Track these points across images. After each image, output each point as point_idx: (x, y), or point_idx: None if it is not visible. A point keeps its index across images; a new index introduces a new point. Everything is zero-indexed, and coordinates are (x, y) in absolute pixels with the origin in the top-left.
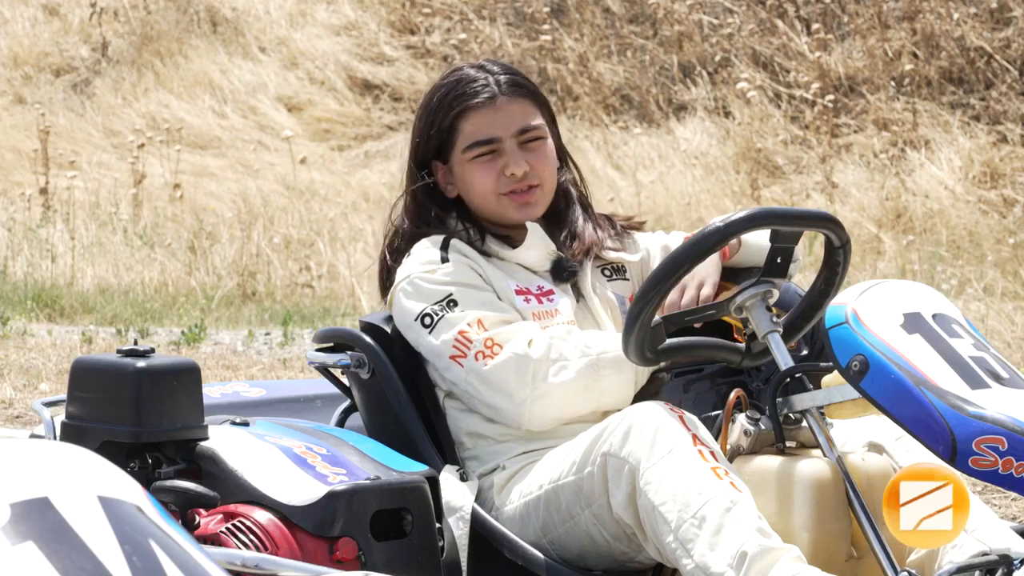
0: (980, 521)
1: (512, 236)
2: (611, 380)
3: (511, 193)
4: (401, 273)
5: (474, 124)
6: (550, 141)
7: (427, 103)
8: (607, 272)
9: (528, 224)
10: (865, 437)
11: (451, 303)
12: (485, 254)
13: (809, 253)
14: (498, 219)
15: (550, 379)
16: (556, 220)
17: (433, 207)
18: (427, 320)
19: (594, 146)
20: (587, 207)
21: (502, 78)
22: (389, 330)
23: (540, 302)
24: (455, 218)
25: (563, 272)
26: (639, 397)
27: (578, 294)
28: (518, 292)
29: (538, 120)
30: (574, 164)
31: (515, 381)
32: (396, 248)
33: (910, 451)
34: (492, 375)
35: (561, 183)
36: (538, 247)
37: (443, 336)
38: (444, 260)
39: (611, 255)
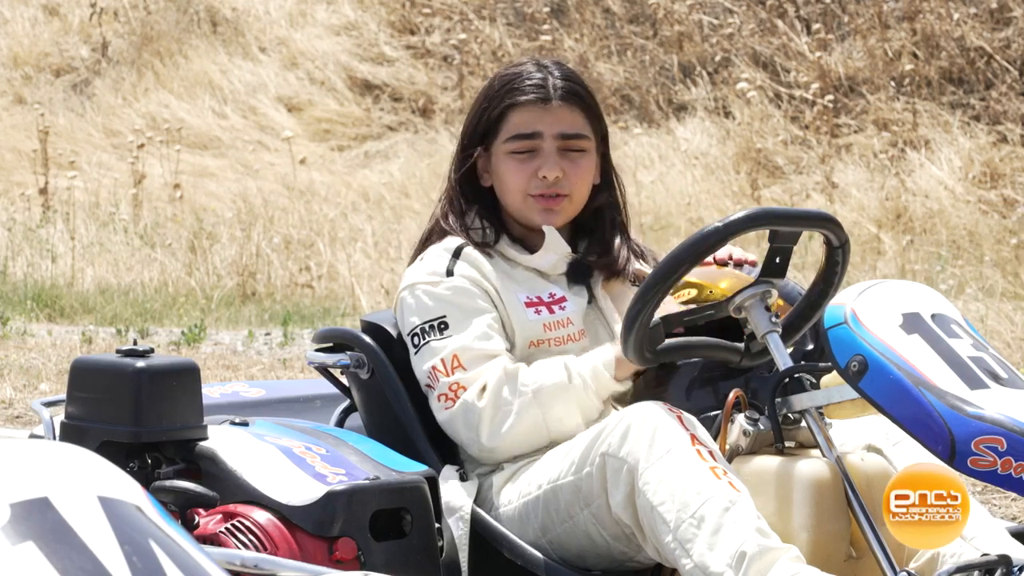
0: (979, 529)
1: (528, 240)
2: (557, 409)
3: (539, 196)
4: (408, 277)
5: (521, 117)
6: (592, 157)
7: (486, 89)
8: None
9: (545, 229)
10: (863, 440)
11: (442, 326)
12: (500, 255)
13: (809, 253)
14: (520, 219)
15: (495, 428)
16: (581, 233)
17: (466, 193)
18: (415, 340)
19: None
20: (621, 233)
21: (560, 83)
22: (389, 330)
23: (551, 311)
24: (476, 214)
25: (579, 272)
26: (641, 399)
27: (590, 296)
28: (528, 304)
29: (586, 132)
30: (621, 189)
31: (464, 434)
32: (425, 239)
33: (908, 456)
34: (447, 424)
35: (597, 204)
36: (555, 251)
37: (422, 365)
38: (450, 273)
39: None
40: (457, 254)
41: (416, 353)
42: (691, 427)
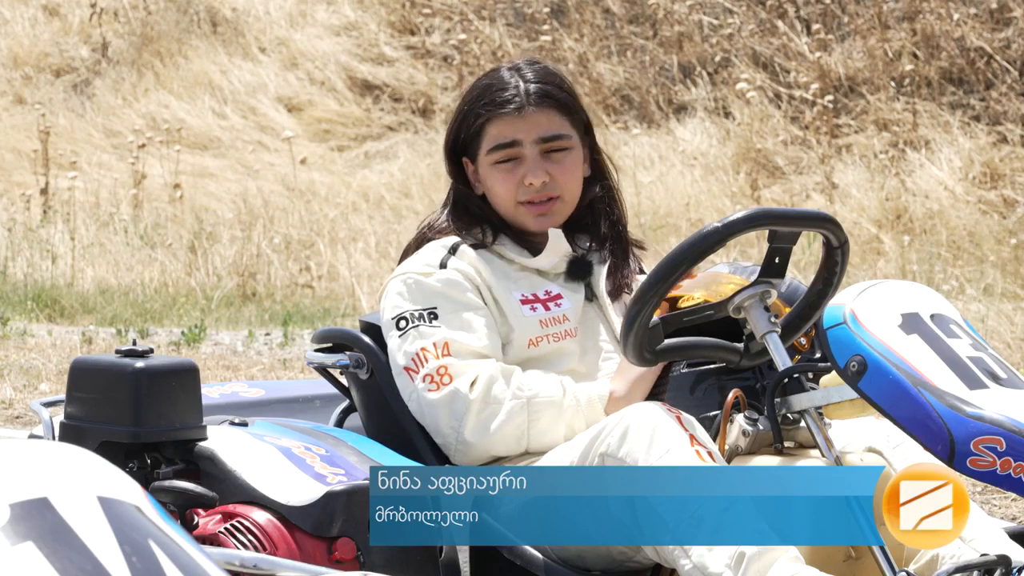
0: (978, 530)
1: (529, 241)
2: (544, 422)
3: (528, 203)
4: (400, 267)
5: (498, 128)
6: (576, 152)
7: (461, 104)
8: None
9: (551, 231)
10: (864, 443)
11: (431, 315)
12: (497, 254)
13: (808, 252)
14: (516, 226)
15: (481, 424)
16: (577, 229)
17: (464, 200)
18: (402, 323)
19: None
20: (619, 225)
21: (532, 87)
22: None
23: (547, 308)
24: (474, 217)
25: (579, 270)
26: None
27: (590, 293)
28: (523, 302)
29: (565, 131)
30: (613, 178)
31: (445, 422)
32: (420, 239)
33: (908, 458)
34: (429, 407)
35: (592, 200)
36: (556, 253)
37: (406, 347)
38: (443, 266)
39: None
40: (453, 250)
41: (401, 335)
42: (690, 427)
